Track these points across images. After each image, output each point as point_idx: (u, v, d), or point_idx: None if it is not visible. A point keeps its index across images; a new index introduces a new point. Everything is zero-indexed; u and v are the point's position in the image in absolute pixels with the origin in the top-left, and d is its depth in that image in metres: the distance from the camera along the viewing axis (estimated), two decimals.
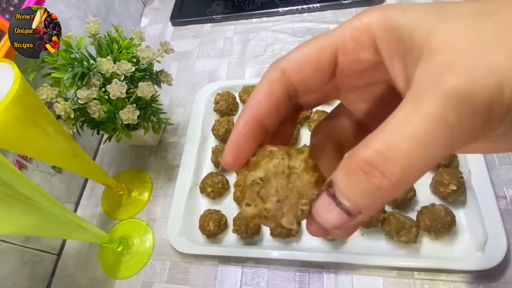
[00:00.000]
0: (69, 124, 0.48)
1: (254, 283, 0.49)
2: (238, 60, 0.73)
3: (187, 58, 0.77)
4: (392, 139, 0.13)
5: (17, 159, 0.51)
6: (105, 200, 0.62)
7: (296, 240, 0.50)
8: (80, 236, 0.48)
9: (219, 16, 0.80)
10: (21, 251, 0.51)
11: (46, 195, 0.38)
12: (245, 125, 0.19)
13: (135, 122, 0.49)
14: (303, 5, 0.75)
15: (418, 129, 0.13)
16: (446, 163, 0.48)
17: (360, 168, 0.13)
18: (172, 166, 0.63)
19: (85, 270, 0.56)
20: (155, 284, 0.52)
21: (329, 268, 0.48)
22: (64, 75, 0.46)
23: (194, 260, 0.53)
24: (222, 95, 0.63)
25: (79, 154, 0.48)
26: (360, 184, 0.14)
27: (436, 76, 0.13)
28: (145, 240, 0.57)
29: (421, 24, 0.14)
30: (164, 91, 0.61)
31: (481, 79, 0.12)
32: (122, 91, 0.47)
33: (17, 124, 0.35)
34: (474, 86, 0.12)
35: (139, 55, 0.50)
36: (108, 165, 0.66)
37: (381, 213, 0.46)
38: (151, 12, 0.88)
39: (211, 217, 0.51)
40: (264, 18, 0.78)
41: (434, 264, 0.43)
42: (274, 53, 0.71)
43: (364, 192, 0.14)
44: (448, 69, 0.13)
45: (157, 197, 0.60)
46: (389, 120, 0.13)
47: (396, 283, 0.45)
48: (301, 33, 0.73)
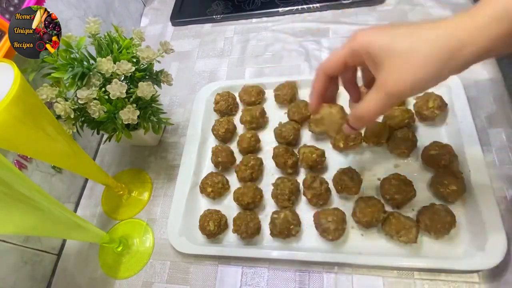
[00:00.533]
0: (69, 124, 0.48)
1: (254, 283, 0.49)
2: (238, 60, 0.73)
3: (187, 58, 0.77)
4: (361, 108, 0.34)
5: (17, 159, 0.51)
6: (105, 200, 0.62)
7: (296, 240, 0.50)
8: (80, 236, 0.48)
9: (219, 16, 0.80)
10: (21, 251, 0.52)
11: (46, 195, 0.38)
12: (323, 75, 0.38)
13: (135, 122, 0.49)
14: (303, 5, 0.75)
15: (371, 105, 0.33)
16: (446, 163, 0.48)
17: (352, 117, 0.37)
18: (172, 166, 0.63)
19: (85, 270, 0.56)
20: (155, 284, 0.52)
21: (329, 268, 0.48)
22: (64, 75, 0.46)
23: (194, 260, 0.53)
24: (222, 95, 0.63)
25: (79, 154, 0.48)
26: (352, 122, 0.37)
27: (384, 81, 0.31)
28: (145, 240, 0.57)
29: (381, 45, 0.31)
30: (164, 91, 0.61)
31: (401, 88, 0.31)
32: (122, 91, 0.47)
33: (17, 124, 0.35)
34: (397, 90, 0.31)
35: (139, 55, 0.50)
36: (108, 165, 0.66)
37: (381, 213, 0.46)
38: (151, 12, 0.88)
39: (211, 217, 0.51)
40: (264, 18, 0.78)
41: (434, 264, 0.43)
42: (274, 53, 0.71)
43: (354, 125, 0.37)
44: (387, 80, 0.31)
45: (157, 197, 0.61)
46: (364, 98, 0.34)
47: (396, 283, 0.45)
48: (301, 33, 0.73)
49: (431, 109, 0.52)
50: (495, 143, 0.51)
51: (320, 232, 0.48)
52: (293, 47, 0.71)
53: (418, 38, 0.29)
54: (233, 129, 0.61)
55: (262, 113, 0.60)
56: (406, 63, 0.29)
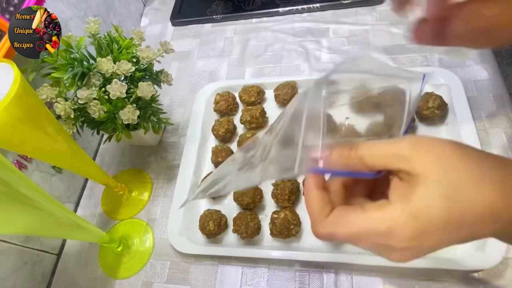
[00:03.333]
0: (69, 124, 0.48)
1: (254, 283, 0.49)
2: (238, 60, 0.73)
3: (187, 58, 0.77)
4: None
5: (17, 159, 0.51)
6: (105, 200, 0.62)
7: (296, 240, 0.50)
8: (80, 236, 0.48)
9: (219, 16, 0.80)
10: (21, 251, 0.51)
11: (46, 195, 0.38)
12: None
13: (135, 122, 0.49)
14: (303, 5, 0.75)
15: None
16: None
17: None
18: (172, 166, 0.63)
19: (85, 270, 0.56)
20: (155, 284, 0.52)
21: (329, 268, 0.48)
22: (64, 75, 0.46)
23: (194, 260, 0.53)
24: (222, 95, 0.63)
25: (79, 154, 0.48)
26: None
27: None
28: (145, 240, 0.57)
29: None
30: (164, 91, 0.61)
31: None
32: (122, 91, 0.47)
33: (17, 124, 0.35)
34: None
35: (139, 55, 0.50)
36: (108, 165, 0.66)
37: None
38: (151, 12, 0.88)
39: (211, 217, 0.51)
40: (264, 18, 0.78)
41: (434, 264, 0.43)
42: (274, 53, 0.71)
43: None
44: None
45: (157, 197, 0.60)
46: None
47: (396, 283, 0.45)
48: (301, 33, 0.73)
49: (431, 109, 0.52)
50: (495, 143, 0.51)
51: None
52: (293, 47, 0.71)
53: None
54: (233, 129, 0.61)
55: (262, 113, 0.60)
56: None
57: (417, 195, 0.22)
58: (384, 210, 0.23)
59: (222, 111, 0.63)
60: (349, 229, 0.23)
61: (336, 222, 0.24)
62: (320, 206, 0.26)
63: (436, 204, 0.21)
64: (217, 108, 0.63)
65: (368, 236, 0.23)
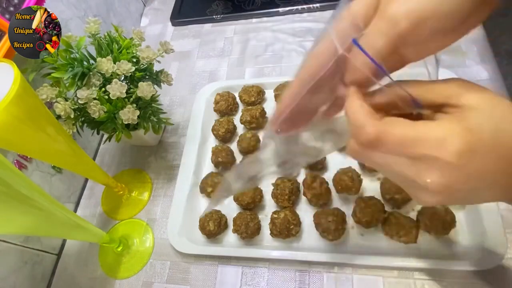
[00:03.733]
0: (69, 124, 0.48)
1: (254, 283, 0.49)
2: (238, 60, 0.73)
3: (187, 58, 0.77)
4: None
5: (17, 159, 0.51)
6: (105, 200, 0.62)
7: (296, 240, 0.50)
8: (80, 236, 0.48)
9: (219, 16, 0.80)
10: (21, 251, 0.51)
11: (46, 195, 0.38)
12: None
13: (135, 122, 0.49)
14: (303, 5, 0.75)
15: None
16: None
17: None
18: (172, 166, 0.63)
19: (85, 270, 0.56)
20: (155, 284, 0.52)
21: (329, 268, 0.48)
22: (64, 75, 0.46)
23: (194, 260, 0.53)
24: (222, 95, 0.63)
25: (79, 154, 0.48)
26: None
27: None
28: (145, 240, 0.57)
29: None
30: (164, 91, 0.61)
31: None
32: (122, 91, 0.47)
33: (17, 124, 0.35)
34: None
35: (139, 55, 0.50)
36: (108, 165, 0.66)
37: (381, 213, 0.46)
38: (151, 12, 0.88)
39: (211, 217, 0.51)
40: (264, 18, 0.78)
41: (434, 264, 0.43)
42: (274, 53, 0.71)
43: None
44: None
45: (157, 197, 0.60)
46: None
47: (396, 283, 0.45)
48: (301, 33, 0.73)
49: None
50: None
51: (320, 232, 0.48)
52: (293, 47, 0.71)
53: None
54: (233, 129, 0.61)
55: (262, 113, 0.60)
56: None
57: (470, 115, 0.22)
58: (440, 122, 0.22)
59: (222, 111, 0.63)
60: (405, 130, 0.22)
61: (391, 123, 0.23)
62: (369, 111, 0.24)
63: (488, 127, 0.21)
64: (217, 108, 0.63)
65: (422, 142, 0.22)
